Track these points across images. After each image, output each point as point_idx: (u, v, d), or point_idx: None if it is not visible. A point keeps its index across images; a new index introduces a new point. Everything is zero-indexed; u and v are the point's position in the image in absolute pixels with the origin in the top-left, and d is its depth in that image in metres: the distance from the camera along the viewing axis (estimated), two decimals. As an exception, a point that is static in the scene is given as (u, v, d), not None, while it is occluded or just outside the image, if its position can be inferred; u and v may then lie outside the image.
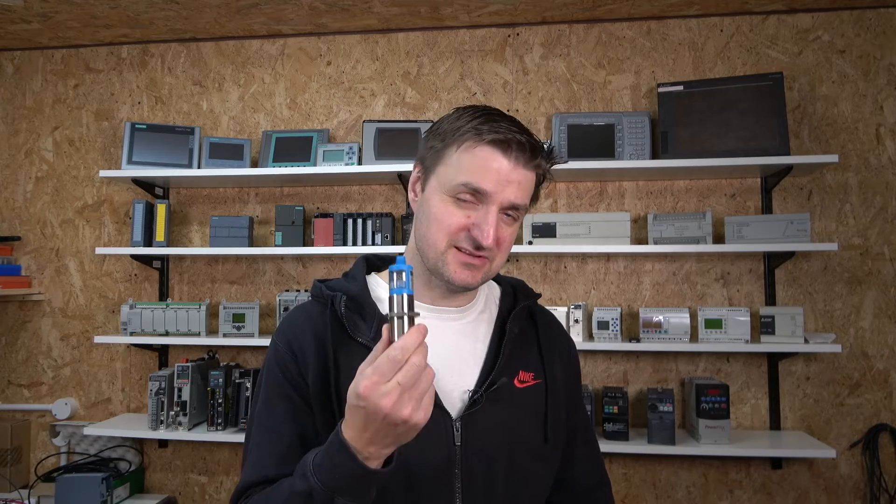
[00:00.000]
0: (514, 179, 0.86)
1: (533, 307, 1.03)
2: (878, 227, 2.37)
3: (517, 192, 0.86)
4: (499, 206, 0.86)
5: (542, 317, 1.05)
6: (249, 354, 2.63)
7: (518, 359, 0.96)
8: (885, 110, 2.39)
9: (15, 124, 2.82)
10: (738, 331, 2.25)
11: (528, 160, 0.87)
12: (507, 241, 0.89)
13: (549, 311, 1.10)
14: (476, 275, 0.88)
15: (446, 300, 0.95)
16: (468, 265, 0.87)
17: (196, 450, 2.62)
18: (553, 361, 1.00)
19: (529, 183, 0.89)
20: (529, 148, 0.86)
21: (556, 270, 2.51)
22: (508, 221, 0.88)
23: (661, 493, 2.40)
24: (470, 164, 0.85)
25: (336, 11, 2.47)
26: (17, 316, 2.76)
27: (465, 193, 0.85)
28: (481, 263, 0.88)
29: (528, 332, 1.00)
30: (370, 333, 0.89)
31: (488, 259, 0.88)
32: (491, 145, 0.85)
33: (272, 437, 0.89)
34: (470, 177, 0.85)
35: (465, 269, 0.88)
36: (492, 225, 0.84)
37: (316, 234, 2.44)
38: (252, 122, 2.70)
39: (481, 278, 0.90)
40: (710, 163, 2.23)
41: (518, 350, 0.96)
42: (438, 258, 0.88)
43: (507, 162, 0.85)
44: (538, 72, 2.57)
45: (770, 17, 2.47)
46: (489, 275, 0.91)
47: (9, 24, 2.56)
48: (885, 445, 2.31)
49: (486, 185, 0.84)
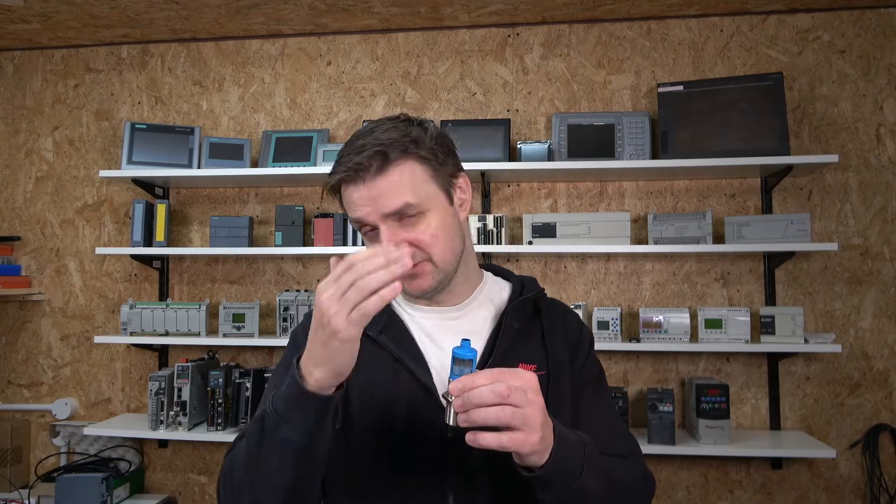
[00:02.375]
0: (375, 194, 0.88)
1: (539, 300, 1.03)
2: (878, 227, 2.37)
3: (386, 200, 0.88)
4: (382, 222, 0.89)
5: (548, 308, 1.04)
6: (249, 354, 2.63)
7: (518, 352, 0.96)
8: (886, 110, 2.39)
9: (15, 124, 2.82)
10: (738, 331, 2.25)
11: (379, 169, 0.88)
12: (425, 236, 0.90)
13: (557, 301, 1.09)
14: (425, 279, 0.92)
15: (442, 303, 0.99)
16: (410, 277, 0.91)
17: (196, 450, 2.62)
18: (557, 349, 0.99)
19: (400, 181, 0.89)
20: (376, 157, 0.87)
21: (556, 270, 2.51)
22: (412, 221, 0.90)
23: (662, 493, 2.40)
24: (347, 204, 0.92)
25: (336, 11, 2.47)
26: (17, 316, 2.76)
27: (361, 227, 0.92)
28: (419, 269, 0.91)
29: (532, 325, 1.01)
30: (378, 327, 0.95)
31: (423, 260, 0.91)
32: (343, 185, 0.91)
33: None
34: (351, 213, 0.91)
35: (412, 281, 0.92)
36: (384, 239, 0.88)
37: (316, 234, 2.44)
38: (252, 122, 2.70)
39: (433, 279, 0.92)
40: (710, 163, 2.23)
41: (519, 344, 0.97)
42: None
43: (358, 187, 0.89)
44: (538, 72, 2.57)
45: (770, 17, 2.47)
46: (441, 271, 0.92)
47: (9, 24, 2.56)
48: (885, 445, 2.31)
49: (359, 214, 0.90)
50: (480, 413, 0.71)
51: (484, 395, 0.71)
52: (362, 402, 0.93)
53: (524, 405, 0.72)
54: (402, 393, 0.92)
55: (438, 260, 0.91)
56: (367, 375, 0.93)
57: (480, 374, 0.73)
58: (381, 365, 0.94)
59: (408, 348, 0.95)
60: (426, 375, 0.92)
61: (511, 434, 0.72)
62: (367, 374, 0.93)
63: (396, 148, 0.88)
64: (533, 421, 0.72)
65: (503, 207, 2.54)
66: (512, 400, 0.71)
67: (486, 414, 0.71)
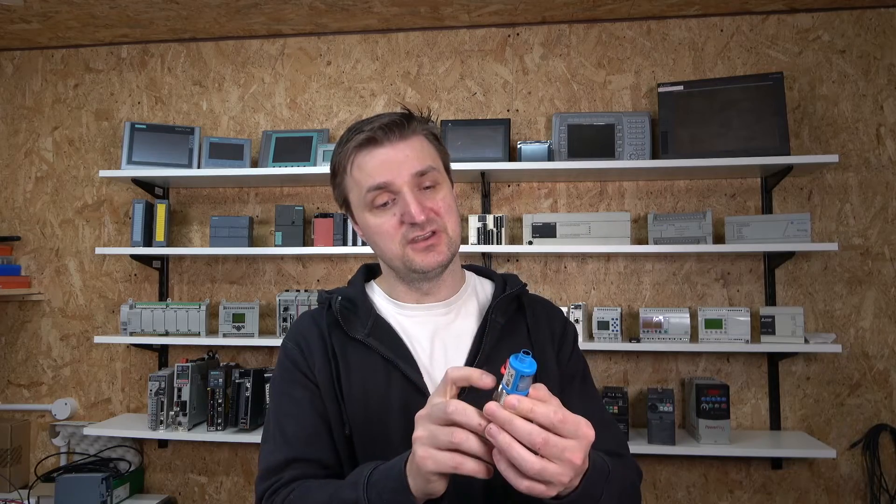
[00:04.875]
0: (401, 155, 0.90)
1: (522, 296, 1.03)
2: (878, 227, 2.36)
3: (413, 161, 0.91)
4: (408, 185, 0.90)
5: (531, 303, 1.04)
6: (249, 354, 2.63)
7: (506, 349, 0.95)
8: (886, 110, 2.39)
9: (15, 124, 2.82)
10: (738, 331, 2.24)
11: (402, 132, 0.92)
12: (443, 205, 0.92)
13: (539, 297, 1.09)
14: (440, 251, 0.92)
15: (430, 296, 0.99)
16: (427, 248, 0.92)
17: (196, 450, 2.62)
18: (543, 344, 1.00)
19: (420, 147, 0.93)
20: (398, 123, 0.92)
21: (556, 270, 2.51)
22: (430, 191, 0.92)
23: (662, 493, 2.40)
24: (362, 174, 0.92)
25: (336, 11, 2.47)
26: (17, 316, 2.76)
27: (378, 197, 0.91)
28: (437, 240, 0.92)
29: (517, 322, 1.01)
30: (365, 330, 0.95)
31: (440, 230, 0.92)
32: (364, 148, 0.92)
33: (293, 421, 0.93)
34: (369, 181, 0.91)
35: (427, 253, 0.92)
36: (412, 202, 0.89)
37: (316, 234, 2.44)
38: (252, 122, 2.70)
39: (447, 251, 0.93)
40: (710, 163, 2.23)
41: (506, 340, 0.97)
42: (402, 260, 0.93)
43: (384, 148, 0.91)
44: (538, 72, 2.57)
45: (770, 17, 2.47)
46: (452, 243, 0.94)
47: (9, 23, 2.56)
48: (886, 445, 2.31)
49: (383, 178, 0.90)
50: (514, 449, 0.64)
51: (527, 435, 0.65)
52: (358, 409, 0.92)
53: (569, 452, 0.66)
54: (396, 396, 0.91)
55: (452, 231, 0.94)
56: (360, 380, 0.93)
57: (540, 408, 0.65)
58: (373, 368, 0.93)
59: (397, 349, 0.94)
60: (417, 376, 0.92)
61: (530, 482, 0.65)
62: (360, 379, 0.93)
63: (413, 119, 0.94)
64: (574, 463, 0.66)
65: (503, 207, 2.54)
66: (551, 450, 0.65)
67: (515, 452, 0.64)
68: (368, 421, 0.92)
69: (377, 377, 0.93)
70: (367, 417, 0.92)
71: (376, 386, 0.93)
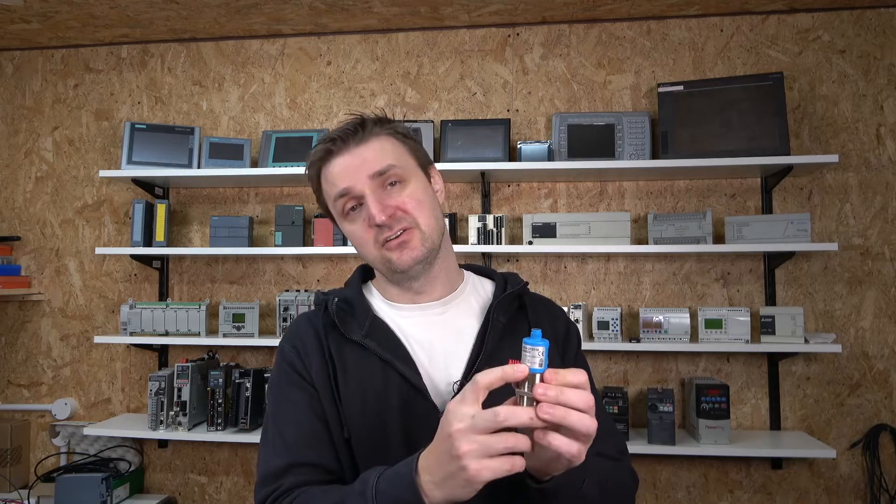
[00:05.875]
0: (358, 160, 0.92)
1: (523, 295, 1.02)
2: (878, 227, 2.36)
3: (370, 163, 0.92)
4: (368, 187, 0.91)
5: (533, 303, 1.03)
6: (249, 354, 2.63)
7: (508, 348, 0.94)
8: (886, 110, 2.39)
9: (15, 124, 2.82)
10: (738, 331, 2.24)
11: (360, 137, 0.93)
12: (410, 201, 0.93)
13: (541, 296, 1.08)
14: (413, 247, 0.92)
15: (424, 296, 0.99)
16: (399, 245, 0.92)
17: (196, 450, 2.62)
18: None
19: (380, 148, 0.94)
20: (352, 130, 0.93)
21: (556, 270, 2.51)
22: (396, 188, 0.93)
23: (662, 493, 2.40)
24: (328, 185, 0.95)
25: (336, 11, 2.47)
26: (17, 316, 2.76)
27: (345, 204, 0.93)
28: (408, 236, 0.92)
29: (519, 321, 1.00)
30: (362, 331, 0.94)
31: (411, 227, 0.92)
32: (325, 159, 0.95)
33: (292, 425, 0.92)
34: (333, 190, 0.94)
35: (401, 250, 0.92)
36: (372, 204, 0.91)
37: (316, 234, 2.44)
38: (252, 122, 2.70)
39: (422, 246, 0.93)
40: (710, 163, 2.23)
41: (508, 339, 0.96)
42: (381, 261, 0.95)
43: (342, 156, 0.93)
44: (538, 72, 2.57)
45: (770, 17, 2.47)
46: (427, 238, 0.93)
47: (9, 23, 2.56)
48: (886, 445, 2.31)
49: (344, 185, 0.92)
50: (572, 416, 0.67)
51: (574, 399, 0.68)
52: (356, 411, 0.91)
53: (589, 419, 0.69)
54: (394, 398, 0.91)
55: (424, 226, 0.93)
56: (358, 382, 0.92)
57: (569, 373, 0.69)
58: (371, 370, 0.93)
59: (395, 350, 0.93)
60: (416, 377, 0.91)
61: (581, 444, 0.69)
62: (357, 381, 0.92)
63: (372, 121, 0.95)
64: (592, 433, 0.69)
65: (503, 207, 2.54)
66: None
67: (575, 418, 0.67)
68: (367, 423, 0.91)
69: (375, 379, 0.92)
70: (365, 419, 0.91)
71: (374, 387, 0.92)
